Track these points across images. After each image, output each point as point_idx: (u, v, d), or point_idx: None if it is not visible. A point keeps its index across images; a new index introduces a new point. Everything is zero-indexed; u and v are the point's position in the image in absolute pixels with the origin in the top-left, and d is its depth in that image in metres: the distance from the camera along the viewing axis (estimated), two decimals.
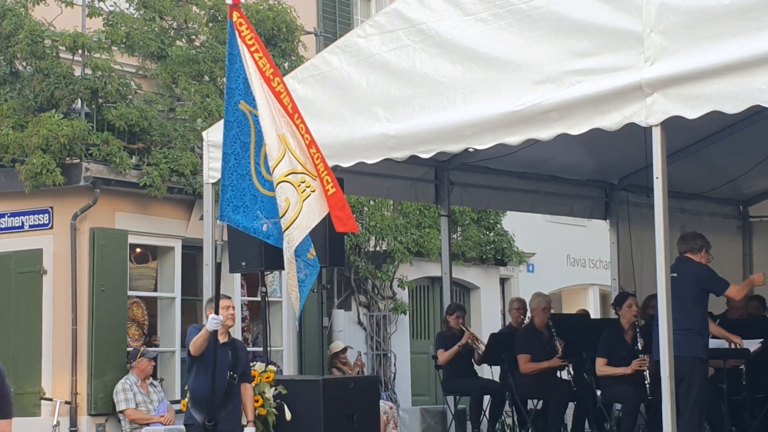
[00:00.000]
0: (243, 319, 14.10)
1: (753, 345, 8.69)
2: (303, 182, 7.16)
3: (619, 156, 11.58)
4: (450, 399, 11.36)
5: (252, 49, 7.21)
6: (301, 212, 7.14)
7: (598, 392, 9.80)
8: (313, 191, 7.14)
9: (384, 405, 12.39)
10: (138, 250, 12.14)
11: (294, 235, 7.20)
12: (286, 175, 7.18)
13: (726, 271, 8.24)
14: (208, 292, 9.40)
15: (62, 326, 11.35)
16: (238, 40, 7.20)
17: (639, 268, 12.18)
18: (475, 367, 11.41)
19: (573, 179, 12.62)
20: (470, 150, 8.36)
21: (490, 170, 11.78)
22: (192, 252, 12.34)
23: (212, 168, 9.43)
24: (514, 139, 7.66)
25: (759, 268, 14.04)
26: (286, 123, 7.18)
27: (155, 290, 12.41)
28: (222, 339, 7.97)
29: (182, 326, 12.35)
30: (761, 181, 13.64)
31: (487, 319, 18.17)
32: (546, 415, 10.22)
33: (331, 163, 8.63)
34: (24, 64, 11.98)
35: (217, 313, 7.62)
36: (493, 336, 11.20)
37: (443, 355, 11.01)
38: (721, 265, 8.31)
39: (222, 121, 8.55)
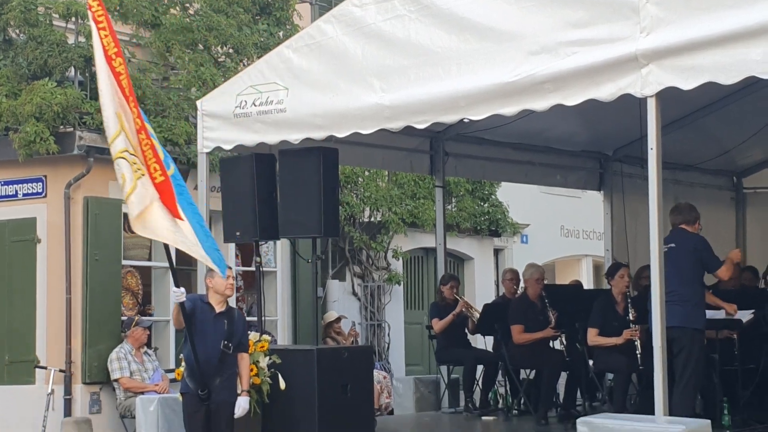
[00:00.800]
0: (237, 289, 14.12)
1: (745, 316, 8.73)
2: (135, 164, 7.21)
3: (613, 127, 11.59)
4: (443, 369, 11.42)
5: (100, 26, 7.34)
6: (135, 191, 7.18)
7: (591, 362, 9.87)
8: (144, 175, 7.20)
9: (378, 374, 12.45)
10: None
11: (132, 210, 7.24)
12: (121, 152, 7.24)
13: (719, 243, 8.29)
14: (201, 268, 9.40)
15: (56, 295, 11.38)
16: (90, 15, 7.34)
17: (632, 239, 12.23)
18: (469, 337, 11.47)
19: (567, 150, 12.63)
20: (465, 121, 8.37)
21: (485, 141, 11.79)
22: None
23: (206, 138, 9.43)
24: (509, 110, 7.67)
25: (752, 240, 14.15)
26: (123, 104, 7.23)
27: (149, 260, 12.43)
28: (219, 308, 8.00)
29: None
30: (755, 153, 13.67)
31: (480, 290, 18.24)
32: (538, 385, 10.28)
33: (325, 134, 8.67)
34: (17, 31, 11.93)
35: (177, 286, 7.65)
36: (486, 306, 11.25)
37: (438, 324, 11.06)
38: (714, 237, 8.35)
39: (218, 90, 8.56)
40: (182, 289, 7.75)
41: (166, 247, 7.88)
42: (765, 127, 12.06)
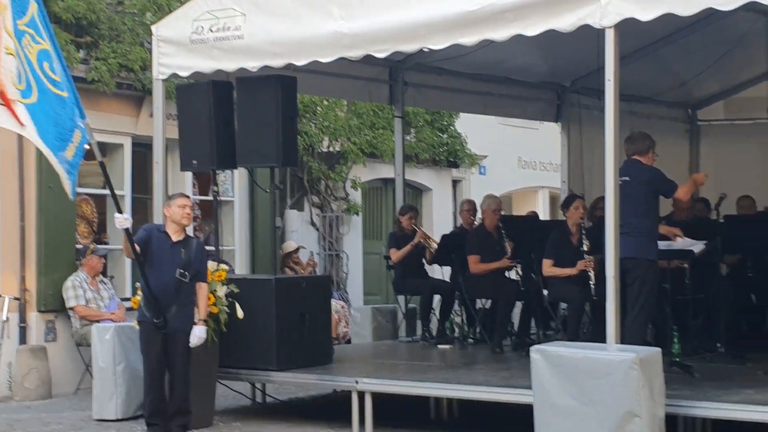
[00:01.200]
0: (195, 219, 14.08)
1: (698, 246, 8.85)
2: None
3: (571, 58, 11.58)
4: (401, 298, 11.51)
5: None
6: None
7: (545, 292, 9.99)
8: None
9: (336, 304, 12.54)
10: (86, 146, 11.98)
11: None
12: None
13: (673, 174, 8.33)
14: (159, 190, 9.37)
15: (10, 223, 11.27)
16: None
17: (588, 170, 12.32)
18: (426, 267, 11.54)
19: (526, 81, 12.64)
20: (425, 50, 8.33)
21: (445, 71, 11.76)
22: (142, 150, 12.24)
23: (162, 64, 9.31)
24: (469, 39, 7.64)
25: (705, 170, 14.21)
26: None
27: (104, 188, 12.33)
28: (176, 237, 7.98)
29: (133, 225, 12.31)
30: (711, 85, 13.77)
31: (438, 221, 18.32)
32: (494, 314, 10.40)
33: (284, 62, 8.60)
34: None
35: (120, 212, 7.64)
36: (444, 237, 11.31)
37: (395, 255, 11.11)
38: (668, 168, 8.40)
39: (174, 15, 8.43)
40: (126, 215, 7.72)
41: (104, 171, 7.83)
42: (721, 59, 12.13)
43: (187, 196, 8.28)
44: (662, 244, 8.45)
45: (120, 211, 7.74)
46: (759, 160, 14.17)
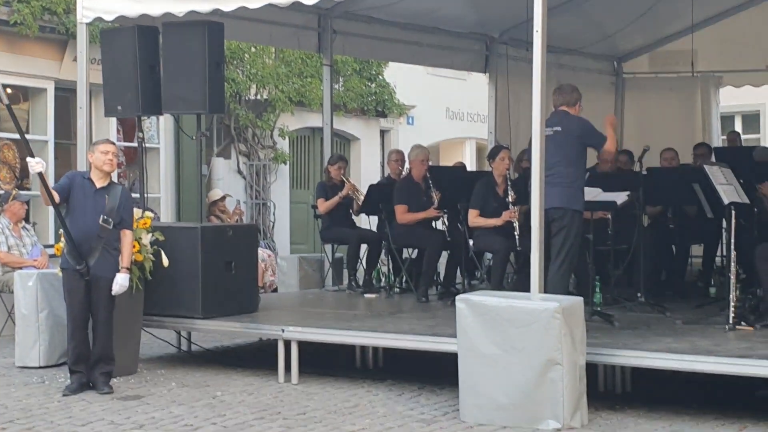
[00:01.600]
0: (119, 165, 13.91)
1: (620, 198, 8.98)
2: None
3: (500, 9, 11.62)
4: (328, 248, 11.52)
5: None
6: None
7: (471, 242, 10.08)
8: None
9: (262, 253, 12.52)
10: (8, 90, 11.75)
11: None
12: None
13: (598, 125, 8.43)
14: (82, 136, 9.23)
15: None
16: None
17: (515, 122, 12.41)
18: (353, 217, 11.57)
19: (455, 31, 12.64)
20: None
21: (374, 20, 11.71)
22: (65, 94, 12.03)
23: (86, 7, 9.12)
24: None
25: (629, 124, 14.53)
26: None
27: (27, 133, 12.09)
28: (99, 184, 7.88)
29: (55, 170, 12.14)
30: (636, 38, 13.92)
31: (366, 171, 18.35)
32: (420, 264, 10.48)
33: (210, 7, 8.49)
34: None
35: (32, 156, 7.51)
36: (371, 187, 11.33)
37: (323, 205, 11.11)
38: (594, 120, 8.47)
39: None
40: (38, 159, 7.58)
41: (12, 115, 7.69)
42: (647, 13, 12.26)
43: (112, 142, 8.17)
44: (587, 194, 8.57)
45: (32, 155, 7.59)
46: (682, 113, 14.41)
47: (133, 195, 11.52)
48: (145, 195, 9.76)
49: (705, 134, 14.23)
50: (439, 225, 10.86)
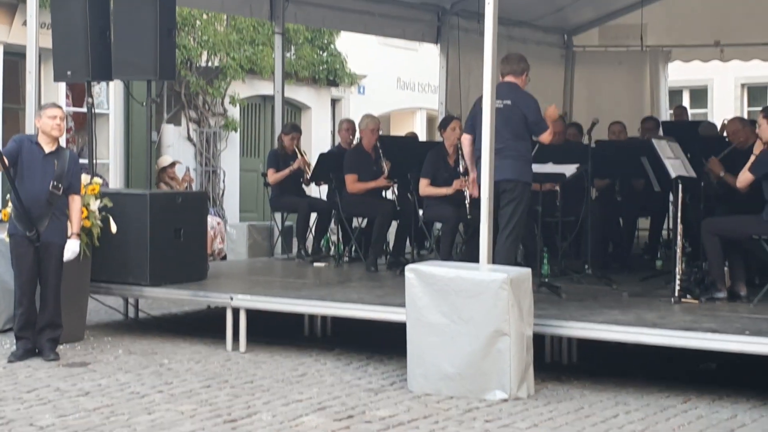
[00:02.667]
0: (68, 131, 13.77)
1: (569, 170, 9.05)
2: None
3: None
4: (277, 216, 11.51)
5: None
6: None
7: (420, 212, 10.12)
8: None
9: (212, 220, 12.47)
10: None
11: None
12: None
13: (548, 98, 8.50)
14: (31, 101, 9.11)
15: None
16: None
17: (465, 92, 12.44)
18: (303, 185, 11.55)
19: (407, 2, 12.63)
20: None
21: None
22: (14, 59, 11.85)
23: None
24: None
25: (578, 97, 14.64)
26: None
27: None
28: (48, 149, 7.79)
29: (3, 135, 11.99)
30: (586, 12, 14.00)
31: (317, 139, 18.32)
32: (370, 233, 10.50)
33: None
34: None
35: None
36: (322, 156, 11.32)
37: (273, 176, 11.08)
38: (543, 92, 8.55)
39: None
40: None
41: None
42: None
43: (59, 107, 8.06)
44: (535, 167, 8.63)
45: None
46: (630, 87, 14.55)
47: (82, 161, 11.43)
48: (94, 161, 9.66)
49: (653, 108, 14.39)
50: (389, 195, 10.89)
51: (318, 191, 12.36)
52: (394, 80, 21.22)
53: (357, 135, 11.18)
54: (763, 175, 7.84)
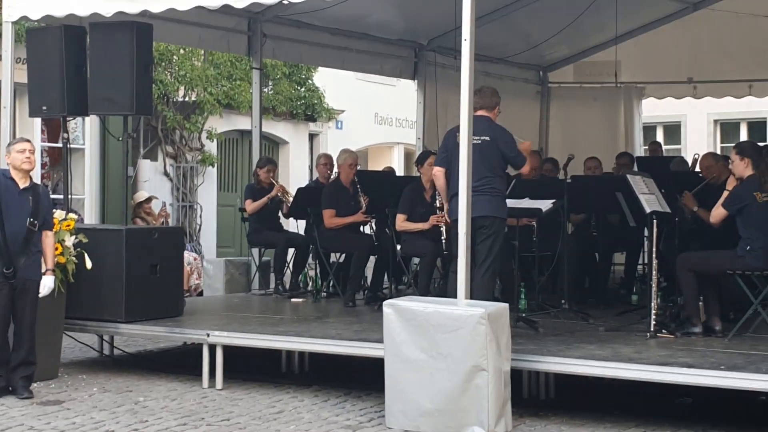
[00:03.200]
0: (43, 166, 13.73)
1: (545, 205, 9.09)
2: None
3: (429, 17, 11.71)
4: (255, 251, 11.49)
5: None
6: None
7: (398, 247, 10.13)
8: None
9: (188, 256, 12.43)
10: None
11: None
12: None
13: (524, 134, 8.55)
14: (5, 136, 9.08)
15: None
16: None
17: (443, 128, 12.45)
18: (282, 220, 11.55)
19: (384, 38, 12.70)
20: (284, 3, 8.26)
21: (304, 24, 11.71)
22: None
23: (11, 6, 8.99)
24: None
25: (554, 132, 14.76)
26: None
27: None
28: (22, 184, 7.76)
29: None
30: (561, 48, 14.13)
31: (295, 174, 18.33)
32: (347, 268, 10.50)
33: (139, 8, 8.41)
34: None
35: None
36: (299, 190, 11.32)
37: (251, 206, 11.07)
38: (519, 128, 8.59)
39: None
40: None
41: None
42: (572, 24, 12.45)
43: (27, 140, 8.03)
44: (512, 202, 8.68)
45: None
46: (605, 123, 14.67)
47: (57, 196, 11.38)
48: (69, 196, 9.63)
49: (627, 144, 14.49)
50: (367, 230, 10.89)
51: (296, 226, 12.35)
52: (372, 115, 21.30)
53: (335, 170, 11.20)
54: (737, 211, 7.91)
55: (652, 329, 7.95)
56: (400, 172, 20.13)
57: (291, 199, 11.21)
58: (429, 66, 13.01)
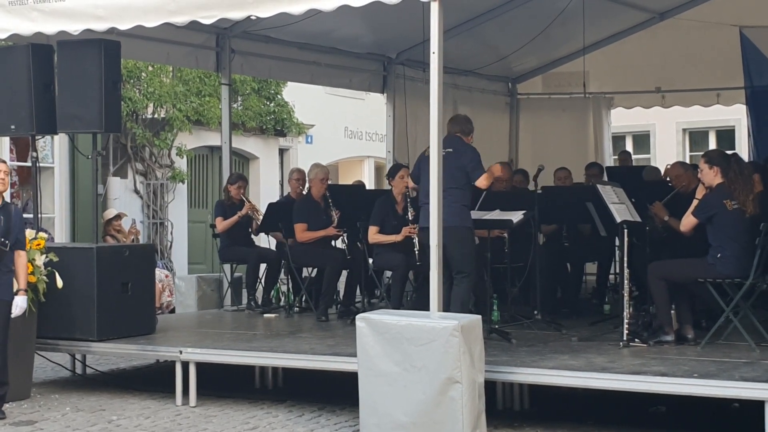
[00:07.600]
0: (12, 185, 13.64)
1: (516, 216, 9.12)
2: None
3: (397, 30, 11.74)
4: (227, 267, 11.45)
5: None
6: None
7: (370, 260, 10.13)
8: None
9: (160, 273, 12.36)
10: None
11: None
12: None
13: (494, 145, 8.62)
14: None
15: None
16: None
17: (413, 141, 12.53)
18: (252, 235, 11.52)
19: (353, 52, 12.73)
20: (252, 18, 8.26)
21: (272, 39, 11.71)
22: None
23: None
24: (296, 8, 7.62)
25: (524, 143, 14.83)
26: None
27: None
28: None
29: None
30: (530, 60, 14.21)
31: (265, 189, 18.31)
32: (320, 283, 10.48)
33: (107, 25, 8.38)
34: None
35: None
36: (270, 205, 11.31)
37: (222, 224, 11.05)
38: (489, 140, 8.67)
39: None
40: None
41: None
42: (540, 35, 12.53)
43: (3, 161, 8.00)
44: (482, 214, 8.71)
45: None
46: (575, 133, 14.76)
47: (28, 215, 11.30)
48: (39, 215, 9.57)
49: (597, 154, 14.59)
50: (339, 244, 10.88)
51: (267, 241, 12.32)
52: (342, 129, 21.32)
53: (307, 184, 11.20)
54: (707, 219, 7.96)
55: (624, 338, 7.99)
56: (371, 185, 20.15)
57: (261, 217, 11.19)
58: (398, 79, 13.04)
